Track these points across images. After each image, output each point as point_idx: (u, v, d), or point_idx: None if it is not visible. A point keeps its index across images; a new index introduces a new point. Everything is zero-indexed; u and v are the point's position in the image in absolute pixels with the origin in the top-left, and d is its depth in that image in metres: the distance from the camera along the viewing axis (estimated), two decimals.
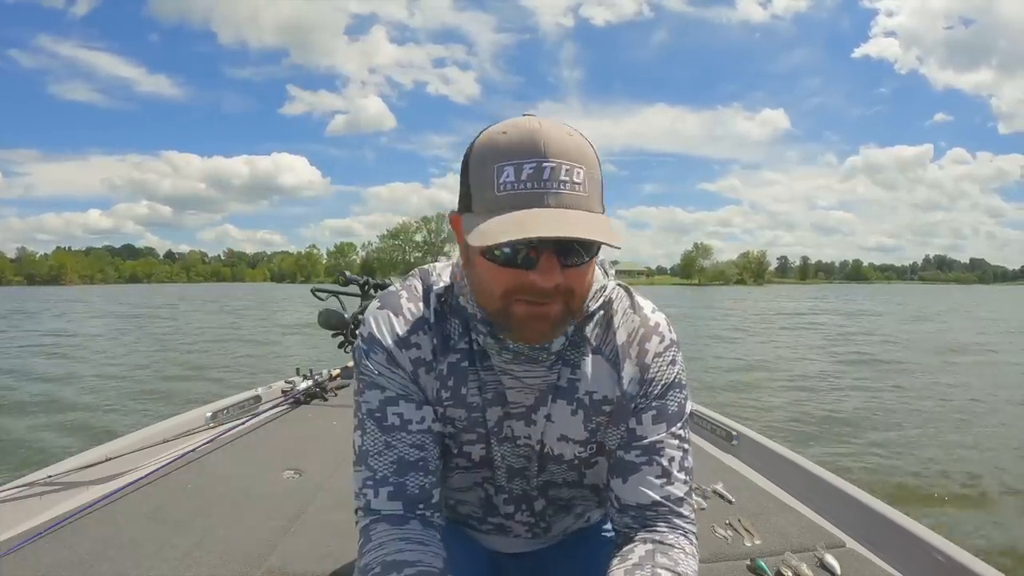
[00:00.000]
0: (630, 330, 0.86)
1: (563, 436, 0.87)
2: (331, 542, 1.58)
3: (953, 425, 6.33)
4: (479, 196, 0.69)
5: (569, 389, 0.85)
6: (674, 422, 0.86)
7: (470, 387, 0.85)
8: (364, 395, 0.85)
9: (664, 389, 0.86)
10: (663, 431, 0.85)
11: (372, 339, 0.84)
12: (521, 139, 0.66)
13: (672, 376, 0.86)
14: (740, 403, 7.39)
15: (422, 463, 0.83)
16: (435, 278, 0.88)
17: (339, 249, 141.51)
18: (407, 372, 0.84)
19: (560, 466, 0.90)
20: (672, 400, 0.86)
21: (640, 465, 0.84)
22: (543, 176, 0.65)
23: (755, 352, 12.87)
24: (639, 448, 0.85)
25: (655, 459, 0.84)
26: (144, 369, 9.78)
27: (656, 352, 0.86)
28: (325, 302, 3.32)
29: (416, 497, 0.82)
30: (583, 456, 0.89)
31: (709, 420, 2.62)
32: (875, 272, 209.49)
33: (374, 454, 0.83)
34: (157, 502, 1.82)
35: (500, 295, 0.70)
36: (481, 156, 0.69)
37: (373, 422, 0.83)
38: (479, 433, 0.88)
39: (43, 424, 6.04)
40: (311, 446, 2.42)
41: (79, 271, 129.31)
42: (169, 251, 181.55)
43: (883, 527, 1.58)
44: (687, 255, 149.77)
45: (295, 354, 11.27)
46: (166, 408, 6.30)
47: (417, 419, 0.84)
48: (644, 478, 0.84)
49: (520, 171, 0.65)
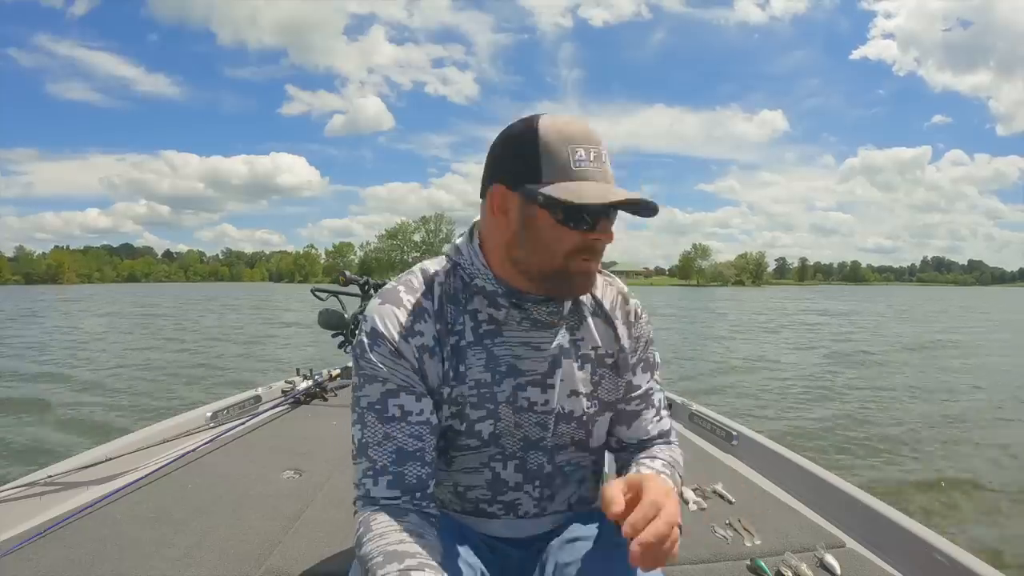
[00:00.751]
0: (612, 296, 1.04)
1: (573, 392, 0.98)
2: (331, 542, 1.58)
3: (925, 416, 6.65)
4: (553, 168, 0.82)
5: (572, 348, 0.98)
6: (655, 370, 1.07)
7: (474, 364, 0.92)
8: (364, 389, 0.89)
9: (646, 344, 1.05)
10: (650, 379, 1.05)
11: (375, 333, 0.89)
12: (581, 128, 0.85)
13: (649, 332, 1.07)
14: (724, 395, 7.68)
15: (420, 453, 0.88)
16: (429, 271, 0.96)
17: (337, 249, 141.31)
18: (411, 362, 0.89)
19: (570, 424, 0.99)
20: (652, 352, 1.06)
21: (640, 411, 1.04)
22: (601, 159, 0.84)
23: (740, 351, 13.10)
24: (637, 397, 1.03)
25: (649, 403, 1.04)
26: (139, 369, 9.75)
27: (636, 313, 1.04)
28: (325, 302, 3.32)
29: (414, 486, 0.87)
30: (590, 412, 1.00)
31: (709, 420, 2.62)
32: (873, 273, 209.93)
33: (373, 445, 0.87)
34: (157, 502, 1.81)
35: (564, 254, 0.85)
36: (555, 136, 0.83)
37: (373, 414, 0.88)
38: (488, 409, 0.94)
39: (44, 422, 6.03)
40: (311, 446, 2.42)
41: (77, 270, 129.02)
42: (167, 250, 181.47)
43: (883, 527, 1.58)
44: (685, 256, 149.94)
45: (291, 356, 11.25)
46: (166, 408, 6.31)
47: (416, 411, 0.89)
48: (644, 420, 1.04)
49: (589, 152, 0.83)
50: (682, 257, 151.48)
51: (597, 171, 0.83)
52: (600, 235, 0.85)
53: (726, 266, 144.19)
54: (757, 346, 14.08)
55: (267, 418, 2.81)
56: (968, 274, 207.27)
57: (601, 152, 0.84)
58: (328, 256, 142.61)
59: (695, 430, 2.72)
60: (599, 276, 1.04)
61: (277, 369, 9.19)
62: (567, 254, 0.85)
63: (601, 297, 1.02)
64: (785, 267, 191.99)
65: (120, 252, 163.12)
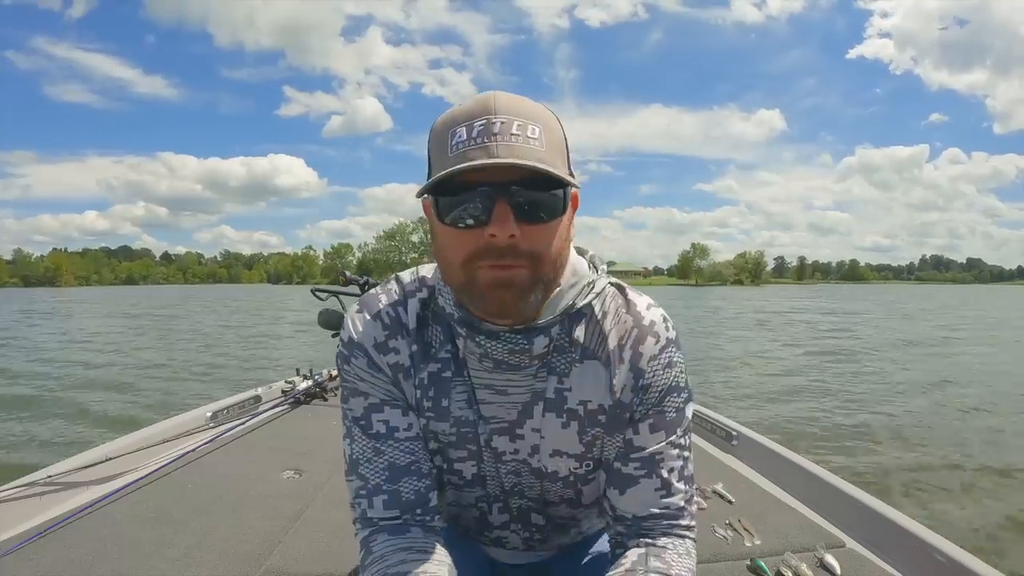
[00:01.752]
0: (623, 332, 0.80)
1: (556, 451, 0.82)
2: (331, 542, 1.58)
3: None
4: (436, 163, 0.68)
5: (558, 400, 0.80)
6: (673, 430, 0.81)
7: (455, 399, 0.80)
8: (349, 402, 0.82)
9: (661, 395, 0.80)
10: (662, 440, 0.80)
11: (351, 343, 0.81)
12: (474, 104, 0.67)
13: (669, 380, 0.80)
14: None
15: (415, 467, 0.80)
16: (416, 281, 0.83)
17: (335, 250, 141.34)
18: (388, 377, 0.80)
19: (555, 484, 0.85)
20: (670, 406, 0.81)
21: (639, 478, 0.80)
22: (493, 130, 0.64)
23: (737, 347, 13.44)
24: (637, 460, 0.80)
25: (654, 471, 0.80)
26: (138, 369, 9.73)
27: (651, 355, 0.80)
28: (325, 302, 3.31)
29: (412, 503, 0.79)
30: (579, 472, 0.84)
31: (709, 420, 2.62)
32: (872, 272, 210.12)
33: (364, 462, 0.79)
34: (157, 502, 1.81)
35: (462, 262, 0.68)
36: (438, 127, 0.69)
37: (359, 429, 0.80)
38: (470, 450, 0.83)
39: (43, 422, 6.01)
40: (311, 446, 2.42)
41: (74, 272, 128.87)
42: (165, 252, 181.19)
43: (883, 527, 1.58)
44: (684, 255, 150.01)
45: (291, 355, 11.24)
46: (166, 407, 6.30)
47: (404, 426, 0.80)
48: (643, 491, 0.80)
49: (471, 129, 0.65)
50: (681, 257, 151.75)
51: (478, 147, 0.63)
52: (494, 229, 0.65)
53: (725, 265, 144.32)
54: (747, 342, 14.52)
55: (267, 418, 2.81)
56: (967, 272, 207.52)
57: (494, 123, 0.64)
58: (326, 257, 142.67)
59: (695, 430, 2.71)
60: (616, 296, 0.83)
61: (277, 367, 9.21)
62: (464, 262, 0.68)
63: (607, 330, 0.80)
64: (784, 266, 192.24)
65: (118, 254, 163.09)
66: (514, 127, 0.64)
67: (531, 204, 0.66)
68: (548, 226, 0.68)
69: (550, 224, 0.68)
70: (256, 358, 11.33)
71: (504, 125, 0.64)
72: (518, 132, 0.64)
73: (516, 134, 0.64)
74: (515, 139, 0.64)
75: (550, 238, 0.68)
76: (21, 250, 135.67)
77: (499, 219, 0.64)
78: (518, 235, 0.65)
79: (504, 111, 0.65)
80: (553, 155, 0.66)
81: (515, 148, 0.63)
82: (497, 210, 0.64)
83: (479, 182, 0.65)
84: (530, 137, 0.65)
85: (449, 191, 0.66)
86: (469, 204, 0.66)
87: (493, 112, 0.65)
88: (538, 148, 0.65)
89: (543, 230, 0.67)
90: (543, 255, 0.68)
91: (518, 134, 0.64)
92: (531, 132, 0.65)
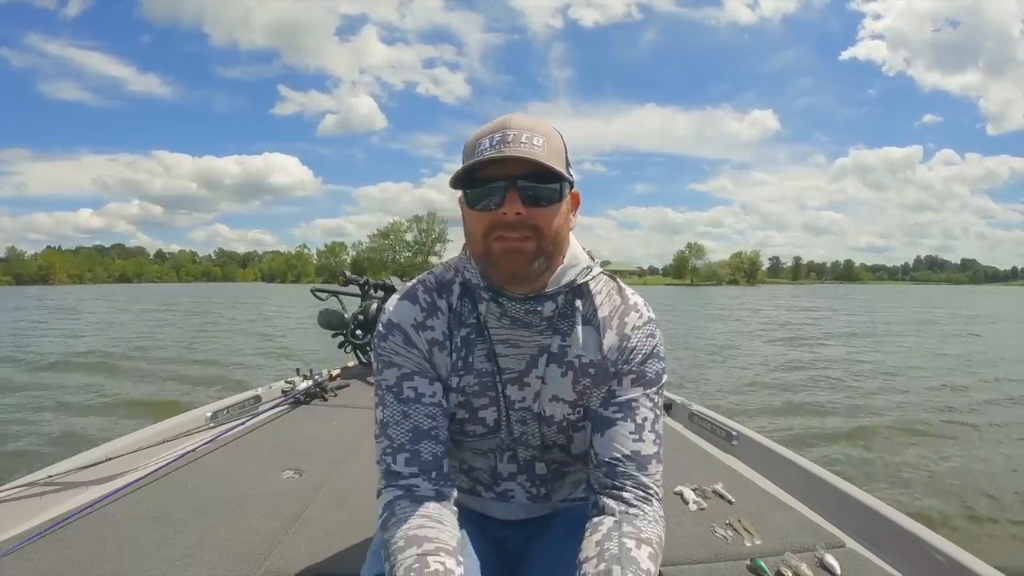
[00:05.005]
0: (613, 306, 1.02)
1: (554, 396, 1.00)
2: (331, 542, 1.58)
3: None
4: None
5: (559, 354, 0.99)
6: (650, 387, 0.99)
7: (477, 355, 0.99)
8: (383, 373, 0.98)
9: (644, 358, 0.99)
10: (639, 392, 0.98)
11: (391, 324, 0.99)
12: (495, 123, 0.90)
13: (651, 347, 1.00)
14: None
15: (434, 432, 0.96)
16: (449, 271, 1.04)
17: (329, 249, 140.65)
18: (422, 351, 0.98)
19: (551, 428, 1.02)
20: (650, 368, 1.00)
21: (616, 420, 0.97)
22: (507, 139, 0.86)
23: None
24: (616, 405, 0.98)
25: (629, 416, 0.97)
26: (136, 370, 9.69)
27: (635, 325, 1.00)
28: (325, 302, 3.32)
29: (430, 464, 0.94)
30: (571, 418, 1.01)
31: (709, 420, 2.63)
32: (867, 272, 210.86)
33: (392, 424, 0.95)
34: (157, 502, 1.81)
35: (482, 236, 0.90)
36: (469, 142, 0.91)
37: (392, 395, 0.96)
38: (491, 396, 1.01)
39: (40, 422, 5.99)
40: (311, 446, 2.41)
41: (68, 271, 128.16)
42: (159, 251, 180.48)
43: (883, 527, 1.59)
44: (679, 255, 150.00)
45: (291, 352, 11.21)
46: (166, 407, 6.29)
47: (430, 393, 0.97)
48: (618, 432, 0.96)
49: (492, 139, 0.87)
50: (676, 256, 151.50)
51: (496, 152, 0.86)
52: (506, 209, 0.87)
53: (720, 265, 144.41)
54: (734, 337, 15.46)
55: (267, 418, 2.81)
56: (961, 273, 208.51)
57: (509, 135, 0.87)
58: (320, 256, 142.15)
59: (695, 430, 2.73)
60: (609, 282, 1.04)
61: (279, 363, 9.21)
62: (483, 235, 0.90)
63: (599, 304, 1.01)
64: (779, 266, 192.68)
65: (112, 252, 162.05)
66: (523, 137, 0.87)
67: (534, 191, 0.88)
68: (548, 209, 0.90)
69: (549, 208, 0.90)
70: (250, 364, 11.31)
71: (516, 136, 0.87)
72: (526, 141, 0.87)
73: (524, 142, 0.86)
74: (523, 145, 0.86)
75: (550, 218, 0.90)
76: (15, 248, 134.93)
77: (510, 202, 0.87)
78: (524, 214, 0.87)
79: (517, 127, 0.88)
80: (553, 159, 0.88)
81: (523, 150, 0.86)
82: (509, 196, 0.87)
83: (496, 177, 0.87)
84: (535, 144, 0.87)
85: (476, 184, 0.89)
86: (491, 193, 0.88)
87: (508, 127, 0.88)
88: (541, 152, 0.86)
89: (543, 212, 0.89)
90: (543, 230, 0.89)
91: (526, 142, 0.86)
92: (537, 141, 0.87)
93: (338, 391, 3.31)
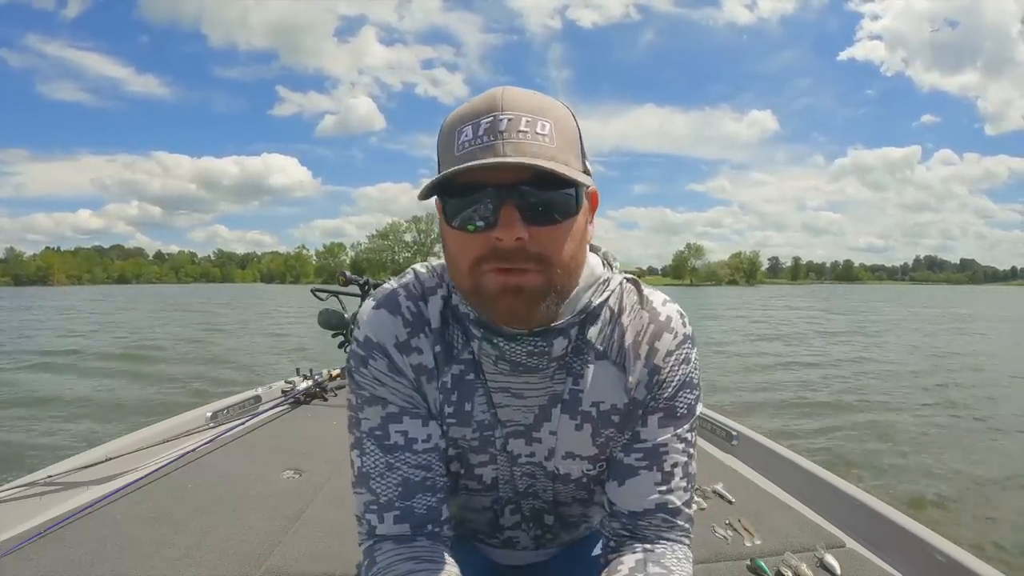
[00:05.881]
0: (639, 328, 0.78)
1: (569, 453, 0.80)
2: (331, 542, 1.58)
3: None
4: (443, 164, 0.65)
5: (572, 401, 0.77)
6: (681, 424, 0.79)
7: (477, 402, 0.77)
8: (363, 411, 0.77)
9: (675, 391, 0.78)
10: (669, 434, 0.78)
11: (369, 343, 0.76)
12: (482, 100, 0.64)
13: (684, 375, 0.78)
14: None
15: (429, 483, 0.76)
16: (435, 276, 0.79)
17: (328, 249, 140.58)
18: (410, 380, 0.76)
19: (568, 486, 0.84)
20: (682, 401, 0.78)
21: (639, 469, 0.78)
22: (499, 128, 0.61)
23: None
24: (641, 451, 0.78)
25: (656, 463, 0.77)
26: (135, 369, 9.68)
27: (668, 350, 0.77)
28: (325, 302, 3.31)
29: (424, 518, 0.76)
30: (592, 474, 0.82)
31: (709, 420, 2.63)
32: (867, 272, 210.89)
33: (375, 476, 0.75)
34: (157, 502, 1.81)
35: (469, 267, 0.65)
36: (446, 126, 0.66)
37: (373, 441, 0.76)
38: (491, 454, 0.81)
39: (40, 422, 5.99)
40: (311, 446, 2.42)
41: (66, 271, 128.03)
42: (159, 251, 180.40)
43: (883, 527, 1.59)
44: (679, 255, 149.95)
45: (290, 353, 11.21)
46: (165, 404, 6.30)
47: (423, 437, 0.76)
48: (642, 483, 0.77)
49: (478, 128, 0.62)
50: (675, 256, 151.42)
51: (484, 147, 0.61)
52: (500, 233, 0.61)
53: (720, 265, 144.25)
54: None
55: (267, 418, 2.81)
56: (961, 273, 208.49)
57: (499, 120, 0.61)
58: (319, 257, 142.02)
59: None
60: (632, 293, 0.81)
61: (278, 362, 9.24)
62: (471, 266, 0.65)
63: (624, 328, 0.78)
64: (778, 266, 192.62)
65: (111, 253, 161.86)
66: (522, 123, 0.61)
67: (542, 205, 0.62)
68: (560, 227, 0.64)
69: (562, 225, 0.64)
70: (250, 362, 11.30)
71: (512, 122, 0.61)
72: (526, 129, 0.61)
73: (524, 131, 0.61)
74: (523, 136, 0.61)
75: (562, 240, 0.64)
76: (14, 249, 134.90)
77: (505, 222, 0.61)
78: (526, 238, 0.62)
79: (512, 107, 0.62)
80: (565, 152, 0.63)
81: (523, 146, 0.60)
82: (504, 212, 0.61)
83: (486, 182, 0.61)
84: (539, 133, 0.61)
85: (456, 192, 0.63)
86: (477, 206, 0.62)
87: (500, 108, 0.62)
88: (548, 145, 0.61)
89: (554, 232, 0.64)
90: (554, 258, 0.64)
91: (526, 131, 0.61)
92: (540, 128, 0.62)
93: (338, 391, 3.31)
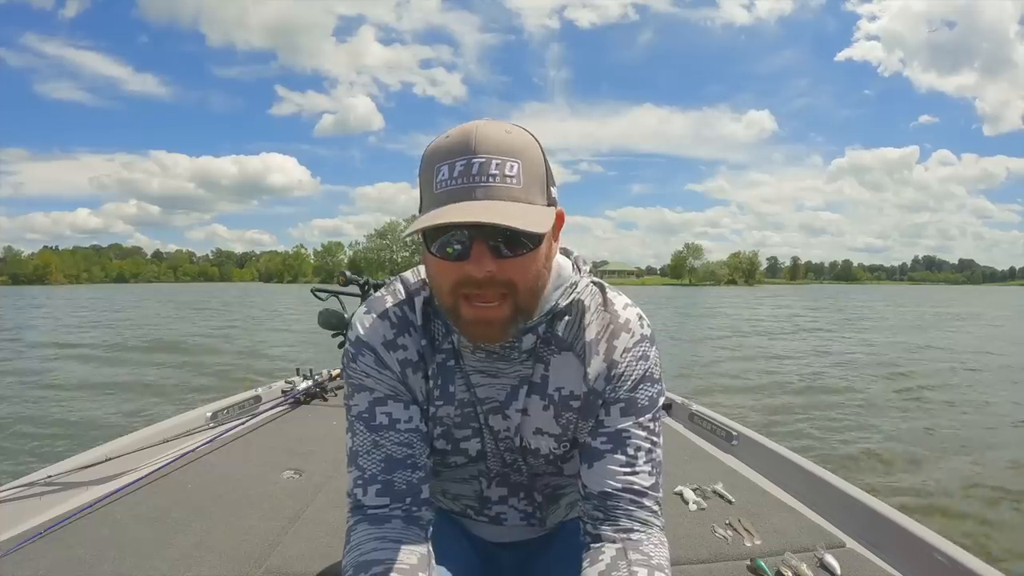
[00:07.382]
0: (600, 327, 0.88)
1: (538, 430, 0.90)
2: (331, 542, 1.58)
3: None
4: (425, 196, 0.74)
5: (541, 384, 0.88)
6: (643, 414, 0.87)
7: (458, 384, 0.89)
8: (353, 398, 0.88)
9: (634, 384, 0.86)
10: (631, 422, 0.86)
11: (360, 342, 0.88)
12: (457, 139, 0.72)
13: (643, 371, 0.87)
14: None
15: (410, 460, 0.86)
16: (419, 281, 0.91)
17: (326, 249, 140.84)
18: (395, 373, 0.87)
19: (538, 460, 0.94)
20: (642, 394, 0.87)
21: (605, 452, 0.86)
22: (472, 171, 0.69)
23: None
24: (605, 435, 0.86)
25: (620, 448, 0.85)
26: (133, 371, 9.67)
27: (625, 348, 0.87)
28: (325, 302, 3.31)
29: (403, 492, 0.85)
30: (558, 452, 0.92)
31: (709, 420, 2.63)
32: (865, 273, 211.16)
33: (363, 453, 0.86)
34: (157, 502, 1.81)
35: (448, 291, 0.75)
36: (426, 160, 0.74)
37: (361, 423, 0.86)
38: (473, 428, 0.92)
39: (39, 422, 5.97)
40: (311, 446, 2.42)
41: (64, 271, 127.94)
42: (157, 251, 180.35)
43: (883, 527, 1.59)
44: (677, 255, 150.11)
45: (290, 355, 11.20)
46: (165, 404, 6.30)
47: (405, 418, 0.87)
48: (607, 466, 0.85)
49: (453, 168, 0.70)
50: (674, 256, 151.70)
51: (460, 189, 0.69)
52: (471, 267, 0.71)
53: (719, 265, 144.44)
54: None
55: (267, 418, 2.81)
56: (959, 273, 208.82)
57: (472, 164, 0.69)
58: (317, 256, 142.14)
59: (695, 430, 2.73)
60: (596, 295, 0.90)
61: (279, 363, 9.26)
62: (450, 290, 0.74)
63: (586, 325, 0.88)
64: (777, 266, 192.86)
65: (109, 252, 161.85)
66: (492, 167, 0.69)
67: (508, 242, 0.71)
68: (526, 257, 0.73)
69: (528, 255, 0.73)
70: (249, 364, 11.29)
71: (483, 165, 0.69)
72: (496, 172, 0.69)
73: (494, 174, 0.69)
74: (493, 179, 0.69)
75: (529, 267, 0.74)
76: (12, 248, 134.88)
77: (476, 257, 0.70)
78: (495, 270, 0.71)
79: (484, 148, 0.70)
80: (531, 190, 0.72)
81: (493, 189, 0.69)
82: (475, 249, 0.70)
83: (457, 223, 0.69)
84: (508, 175, 0.70)
85: (435, 227, 0.71)
86: (452, 239, 0.72)
87: (473, 151, 0.70)
88: (515, 187, 0.70)
89: (521, 262, 0.73)
90: (520, 284, 0.74)
91: (496, 173, 0.69)
92: (509, 170, 0.70)
93: (338, 391, 3.31)
